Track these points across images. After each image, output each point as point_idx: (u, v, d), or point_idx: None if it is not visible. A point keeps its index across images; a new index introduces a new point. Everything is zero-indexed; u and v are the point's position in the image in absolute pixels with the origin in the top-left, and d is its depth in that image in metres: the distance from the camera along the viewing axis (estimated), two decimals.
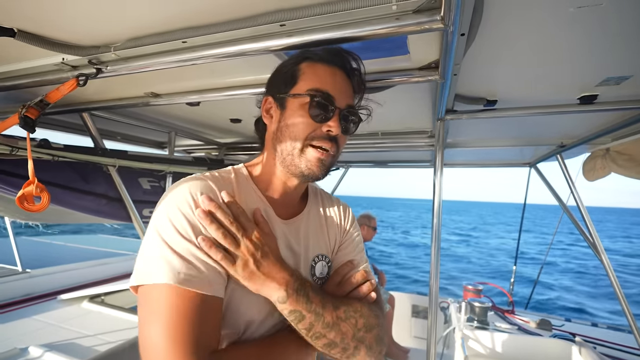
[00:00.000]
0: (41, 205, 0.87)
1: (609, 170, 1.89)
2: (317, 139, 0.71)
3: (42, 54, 0.97)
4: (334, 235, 0.88)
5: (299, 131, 0.71)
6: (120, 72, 0.97)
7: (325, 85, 0.72)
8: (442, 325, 3.21)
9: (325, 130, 0.71)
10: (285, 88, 0.74)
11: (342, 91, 0.73)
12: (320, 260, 0.81)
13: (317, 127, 0.71)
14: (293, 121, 0.71)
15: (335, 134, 0.72)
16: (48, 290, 3.10)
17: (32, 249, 4.43)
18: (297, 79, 0.73)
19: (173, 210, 0.63)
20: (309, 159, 0.71)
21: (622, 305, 1.96)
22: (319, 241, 0.83)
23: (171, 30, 0.83)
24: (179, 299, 0.57)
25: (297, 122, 0.71)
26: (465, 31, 0.73)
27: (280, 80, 0.76)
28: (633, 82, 1.08)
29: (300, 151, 0.71)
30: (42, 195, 0.87)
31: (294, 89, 0.73)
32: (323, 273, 0.81)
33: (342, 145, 0.78)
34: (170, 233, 0.61)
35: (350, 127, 0.76)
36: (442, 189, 1.41)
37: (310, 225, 0.83)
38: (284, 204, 0.80)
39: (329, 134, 0.71)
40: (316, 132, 0.71)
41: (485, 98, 1.30)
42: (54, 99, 1.00)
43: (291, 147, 0.72)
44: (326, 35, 0.72)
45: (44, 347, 1.99)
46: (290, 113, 0.72)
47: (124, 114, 1.79)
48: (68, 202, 1.60)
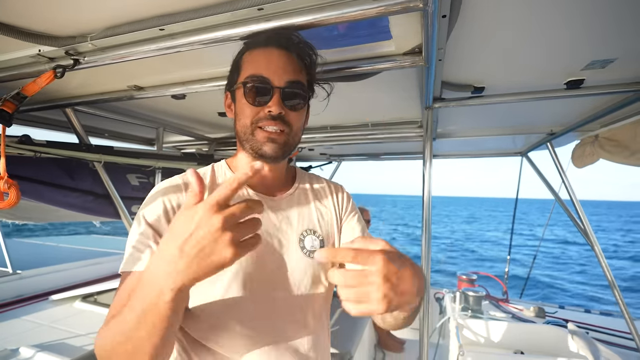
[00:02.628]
0: (8, 202, 0.84)
1: (597, 157, 1.91)
2: (262, 120, 0.75)
3: (17, 46, 0.95)
4: (327, 211, 0.91)
5: (245, 118, 0.76)
6: (99, 62, 0.94)
7: (259, 68, 0.74)
8: (438, 315, 3.23)
9: (267, 112, 0.74)
10: (232, 81, 0.80)
11: (278, 69, 0.74)
12: (309, 234, 0.85)
13: (260, 110, 0.75)
14: (240, 110, 0.77)
15: (275, 113, 0.74)
16: (39, 290, 3.06)
17: (22, 250, 4.37)
18: (241, 69, 0.78)
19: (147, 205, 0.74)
20: (259, 140, 0.75)
21: (614, 292, 1.98)
22: (307, 217, 0.87)
23: (148, 18, 0.81)
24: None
25: (242, 110, 0.76)
26: (446, 12, 0.72)
27: (231, 74, 0.82)
28: (618, 65, 1.08)
29: (251, 135, 0.76)
30: (10, 191, 0.85)
31: (237, 80, 0.78)
32: (314, 246, 0.84)
33: (298, 121, 0.79)
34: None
35: (295, 102, 0.77)
36: (431, 180, 1.41)
37: (298, 203, 0.87)
38: (264, 185, 0.84)
39: (270, 114, 0.74)
40: (259, 115, 0.75)
41: (472, 85, 1.29)
42: (31, 91, 0.97)
43: (243, 134, 0.77)
44: (304, 19, 0.70)
45: (35, 348, 1.97)
46: (237, 104, 0.78)
47: (109, 110, 1.76)
48: (53, 199, 1.58)
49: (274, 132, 0.75)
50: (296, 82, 0.76)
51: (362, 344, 2.78)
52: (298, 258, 0.81)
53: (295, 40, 0.77)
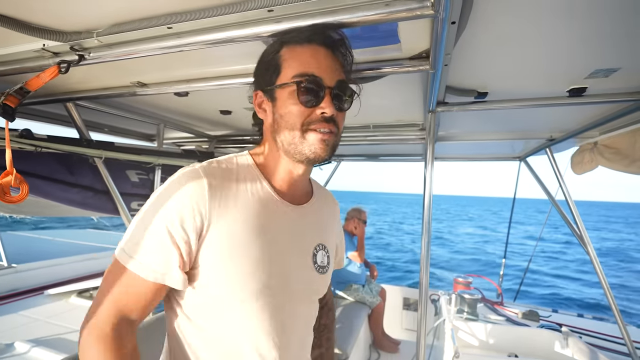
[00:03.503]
0: (20, 197, 0.84)
1: (596, 164, 1.92)
2: (314, 122, 0.69)
3: (21, 40, 0.94)
4: (332, 232, 0.92)
5: (294, 120, 0.70)
6: (104, 59, 0.94)
7: (309, 67, 0.69)
8: (433, 317, 3.24)
9: (319, 114, 0.69)
10: (271, 79, 0.73)
11: (328, 68, 0.70)
12: (320, 249, 0.83)
13: (311, 112, 0.70)
14: (286, 111, 0.70)
15: (330, 115, 0.70)
16: (35, 285, 3.04)
17: (18, 243, 4.34)
18: (280, 67, 0.71)
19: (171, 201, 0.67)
20: (311, 143, 0.70)
21: (607, 296, 2.01)
22: (321, 231, 0.85)
23: (156, 16, 0.80)
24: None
25: (290, 111, 0.70)
26: (455, 19, 0.72)
27: (265, 71, 0.74)
28: (621, 74, 1.09)
29: (301, 138, 0.70)
30: (21, 186, 0.84)
31: (279, 78, 0.71)
32: (324, 262, 0.83)
33: (342, 122, 0.76)
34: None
35: (344, 103, 0.74)
36: (432, 182, 1.42)
37: (315, 215, 0.85)
38: (291, 191, 0.80)
39: (323, 116, 0.69)
40: (311, 117, 0.70)
41: (476, 90, 1.30)
42: (34, 86, 0.96)
43: (291, 136, 0.70)
44: (315, 21, 0.70)
45: (30, 343, 1.96)
46: (282, 104, 0.71)
47: (110, 105, 1.75)
48: (52, 194, 1.56)
49: (327, 134, 0.70)
50: (344, 82, 0.73)
51: (358, 345, 2.79)
52: (311, 271, 0.79)
53: (337, 38, 0.72)
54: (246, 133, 2.48)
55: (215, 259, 0.68)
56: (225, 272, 0.68)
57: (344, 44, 0.74)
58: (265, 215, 0.73)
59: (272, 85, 0.72)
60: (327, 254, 0.84)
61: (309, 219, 0.82)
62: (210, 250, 0.67)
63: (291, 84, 0.69)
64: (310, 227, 0.82)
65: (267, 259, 0.71)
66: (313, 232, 0.82)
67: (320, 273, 0.81)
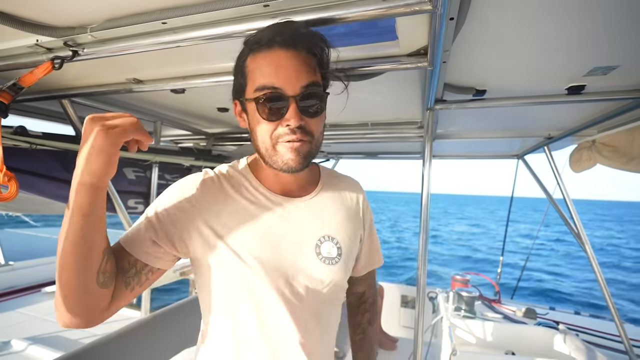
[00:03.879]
0: (9, 194, 0.83)
1: (594, 162, 1.92)
2: (282, 136, 0.68)
3: (14, 35, 0.92)
4: (350, 216, 0.86)
5: (263, 135, 0.69)
6: (98, 55, 0.92)
7: (269, 77, 0.65)
8: (431, 314, 3.25)
9: (285, 126, 0.66)
10: (240, 91, 0.72)
11: (289, 75, 0.65)
12: (326, 240, 0.79)
13: (277, 125, 0.67)
14: (254, 126, 0.70)
15: (295, 126, 0.66)
16: (32, 282, 3.03)
17: (16, 241, 4.32)
18: (247, 78, 0.70)
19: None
20: (281, 154, 0.69)
21: (604, 294, 2.01)
22: (327, 221, 0.81)
23: (150, 11, 0.79)
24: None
25: (258, 126, 0.69)
26: (454, 15, 0.71)
27: (236, 82, 0.74)
28: (620, 72, 1.08)
29: (272, 150, 0.69)
30: (10, 183, 0.83)
31: (246, 91, 0.70)
32: (331, 253, 0.79)
33: (317, 126, 0.71)
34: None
35: (314, 108, 0.69)
36: (430, 180, 1.41)
37: (320, 206, 0.82)
38: (285, 186, 0.80)
39: (289, 128, 0.66)
40: (277, 130, 0.68)
41: (474, 88, 1.29)
42: (28, 82, 0.95)
43: (264, 149, 0.71)
44: (311, 17, 0.70)
45: (27, 340, 1.96)
46: (251, 118, 0.71)
47: (107, 102, 1.73)
48: (48, 191, 1.55)
49: (296, 144, 0.68)
50: (312, 84, 0.67)
51: None
52: (314, 263, 0.77)
53: (302, 33, 0.67)
54: (244, 130, 2.47)
55: (208, 250, 0.71)
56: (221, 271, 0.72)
57: (312, 37, 0.68)
58: (259, 210, 0.76)
59: (242, 98, 0.72)
60: (336, 245, 0.80)
61: (309, 210, 0.80)
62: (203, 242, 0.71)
63: (252, 100, 0.68)
64: (312, 219, 0.79)
65: (265, 253, 0.72)
66: (315, 224, 0.79)
67: (328, 264, 0.78)
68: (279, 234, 0.75)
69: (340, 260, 0.80)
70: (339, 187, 0.89)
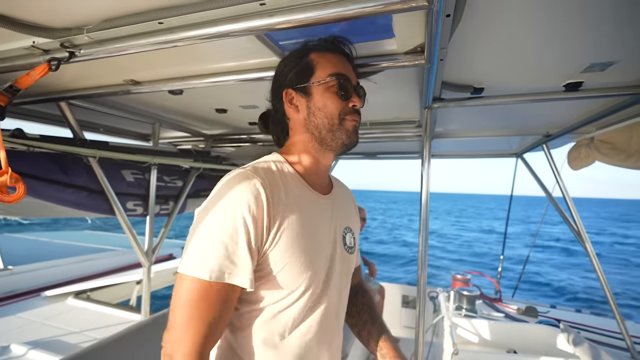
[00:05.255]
0: (17, 196, 0.82)
1: (592, 159, 1.92)
2: (348, 113, 0.82)
3: (10, 37, 0.92)
4: (355, 217, 1.01)
5: (333, 110, 0.81)
6: (95, 56, 0.92)
7: (340, 68, 0.82)
8: (432, 314, 3.24)
9: (351, 106, 0.82)
10: (304, 78, 0.82)
11: (350, 71, 0.84)
12: (348, 232, 0.92)
13: (345, 105, 0.82)
14: (325, 103, 0.81)
15: (359, 107, 0.84)
16: (32, 287, 3.02)
17: (15, 245, 4.31)
18: (314, 69, 0.82)
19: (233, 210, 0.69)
20: (347, 129, 0.82)
21: (605, 292, 2.01)
22: (346, 215, 0.94)
23: (147, 11, 0.79)
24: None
25: (329, 103, 0.81)
26: (450, 12, 0.71)
27: (295, 72, 0.84)
28: (617, 68, 1.08)
29: (339, 125, 0.81)
30: (18, 185, 0.82)
31: (314, 77, 0.81)
32: (351, 243, 0.92)
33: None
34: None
35: (363, 102, 0.87)
36: (429, 179, 1.41)
37: (340, 202, 0.94)
38: (320, 183, 0.89)
39: (354, 108, 0.83)
40: (345, 108, 0.81)
41: (472, 85, 1.29)
42: (24, 84, 0.95)
43: (330, 124, 0.81)
44: (308, 15, 0.69)
45: (27, 345, 1.95)
46: (319, 98, 0.81)
47: (105, 104, 1.73)
48: (46, 194, 1.54)
49: (357, 122, 0.84)
50: (359, 83, 0.87)
51: (357, 342, 2.79)
52: (344, 253, 0.88)
53: (350, 51, 0.88)
54: (242, 132, 2.47)
55: (285, 251, 0.73)
56: (293, 261, 0.74)
57: (353, 58, 0.89)
58: (309, 209, 0.81)
59: (307, 83, 0.82)
60: (353, 236, 0.94)
61: (336, 206, 0.90)
62: (280, 245, 0.73)
63: (328, 80, 0.80)
64: (338, 213, 0.89)
65: (318, 248, 0.80)
66: (341, 217, 0.90)
67: (350, 253, 0.91)
68: (323, 229, 0.83)
69: (355, 249, 0.95)
70: (343, 189, 1.03)
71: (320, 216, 0.83)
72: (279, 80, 0.87)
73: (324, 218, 0.85)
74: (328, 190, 0.91)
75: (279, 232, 0.73)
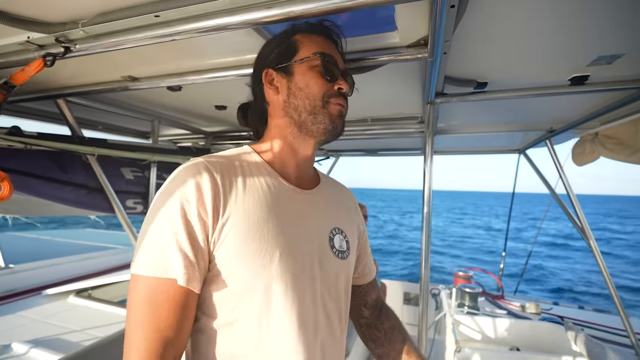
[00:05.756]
0: (1, 195, 0.81)
1: (597, 155, 1.90)
2: (333, 96, 0.74)
3: (4, 32, 0.90)
4: (351, 220, 0.89)
5: (316, 90, 0.73)
6: (91, 51, 0.90)
7: (326, 49, 0.75)
8: (434, 311, 3.24)
9: (336, 89, 0.75)
10: (286, 57, 0.75)
11: (337, 56, 0.77)
12: (337, 233, 0.80)
13: (330, 86, 0.74)
14: (307, 83, 0.73)
15: (345, 91, 0.76)
16: (33, 285, 3.01)
17: (15, 244, 4.31)
18: (297, 48, 0.75)
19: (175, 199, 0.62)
20: (331, 113, 0.74)
21: (609, 288, 1.99)
22: (335, 216, 0.83)
23: (142, 4, 0.77)
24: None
25: (312, 83, 0.73)
26: (455, 2, 0.69)
27: (277, 52, 0.77)
28: (624, 61, 1.06)
29: (322, 108, 0.73)
30: (3, 184, 0.81)
31: (297, 56, 0.75)
32: (342, 247, 0.80)
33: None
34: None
35: (351, 89, 0.81)
36: (432, 176, 1.39)
37: (327, 200, 0.83)
38: (297, 175, 0.79)
39: (340, 91, 0.75)
40: (330, 90, 0.74)
41: (475, 80, 1.27)
42: (19, 80, 0.93)
43: (311, 106, 0.73)
44: (308, 6, 0.67)
45: (28, 343, 1.94)
46: (301, 77, 0.74)
47: (103, 101, 1.71)
48: (45, 192, 1.53)
49: (343, 107, 0.76)
50: (347, 70, 0.80)
51: (359, 340, 2.78)
52: (329, 256, 0.76)
53: (340, 37, 0.82)
54: (243, 129, 2.45)
55: (234, 247, 0.63)
56: (245, 260, 0.64)
57: (342, 46, 0.83)
58: (275, 201, 0.70)
59: (288, 62, 0.75)
60: (345, 239, 0.82)
61: (320, 203, 0.80)
62: (227, 240, 0.63)
63: (312, 58, 0.73)
64: (323, 212, 0.80)
65: (283, 245, 0.67)
66: (326, 216, 0.80)
67: (341, 258, 0.78)
68: (297, 226, 0.72)
69: (349, 254, 0.82)
70: (336, 187, 0.92)
71: (294, 212, 0.73)
72: (259, 63, 0.80)
73: (301, 215, 0.74)
74: (311, 185, 0.81)
75: (228, 226, 0.63)
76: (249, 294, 0.65)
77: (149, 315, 0.58)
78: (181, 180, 0.64)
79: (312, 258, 0.72)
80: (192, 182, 0.63)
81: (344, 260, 0.79)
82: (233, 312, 0.65)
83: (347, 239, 0.82)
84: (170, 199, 0.62)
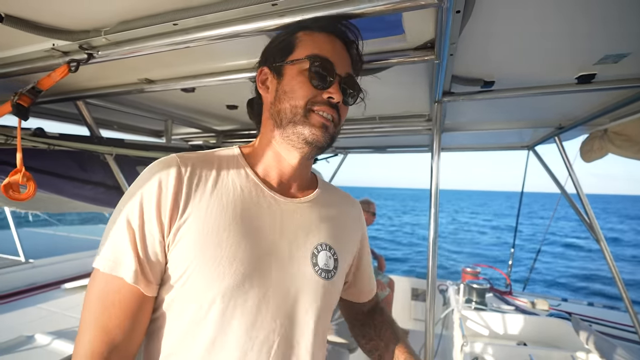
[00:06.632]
0: (26, 194, 0.87)
1: (605, 151, 1.89)
2: (318, 104, 0.67)
3: (31, 40, 0.96)
4: (347, 236, 0.83)
5: (299, 96, 0.66)
6: (112, 57, 0.95)
7: (325, 51, 0.68)
8: (441, 307, 3.26)
9: (326, 97, 0.67)
10: (281, 57, 0.70)
11: (342, 59, 0.70)
12: (323, 250, 0.73)
13: (318, 94, 0.67)
14: (292, 87, 0.67)
15: (336, 102, 0.67)
16: (52, 279, 3.13)
17: (35, 240, 4.45)
18: (294, 46, 0.70)
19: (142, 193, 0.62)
20: (312, 124, 0.66)
21: (618, 286, 1.99)
22: (325, 230, 0.75)
23: (162, 13, 0.81)
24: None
25: (297, 87, 0.67)
26: (460, 8, 0.71)
27: (276, 49, 0.72)
28: (631, 60, 1.07)
29: (302, 117, 0.66)
30: (28, 184, 0.87)
31: (291, 56, 0.69)
32: (328, 265, 0.72)
33: (344, 115, 0.73)
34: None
35: (349, 97, 0.72)
36: (439, 173, 1.41)
37: (318, 212, 0.76)
38: (282, 181, 0.74)
39: (329, 100, 0.67)
40: (317, 97, 0.67)
41: (482, 79, 1.29)
42: (46, 85, 0.99)
43: (292, 113, 0.67)
44: (319, 14, 0.71)
45: (50, 335, 2.03)
46: (289, 80, 0.68)
47: (119, 102, 1.77)
48: (66, 190, 1.60)
49: (328, 120, 0.67)
50: (353, 76, 0.73)
51: None
52: (309, 276, 0.69)
53: (352, 38, 0.73)
54: (253, 127, 2.49)
55: (189, 251, 0.60)
56: (199, 265, 0.60)
57: (357, 45, 0.74)
58: (246, 207, 0.66)
59: (282, 62, 0.70)
60: (334, 257, 0.74)
61: (307, 214, 0.74)
62: (182, 243, 0.60)
63: (303, 61, 0.67)
64: (310, 224, 0.73)
65: (248, 252, 0.63)
66: (313, 229, 0.73)
67: (324, 278, 0.70)
68: (268, 236, 0.67)
69: (336, 274, 0.74)
70: (336, 197, 0.85)
71: (269, 221, 0.67)
72: (260, 58, 0.77)
73: (276, 224, 0.68)
74: (302, 194, 0.76)
75: (185, 228, 0.60)
76: (199, 306, 0.60)
77: (99, 313, 0.58)
78: (147, 176, 0.63)
79: (281, 274, 0.66)
80: (156, 179, 0.61)
81: (327, 280, 0.71)
82: (184, 323, 0.61)
83: (337, 256, 0.75)
84: (133, 195, 0.61)
